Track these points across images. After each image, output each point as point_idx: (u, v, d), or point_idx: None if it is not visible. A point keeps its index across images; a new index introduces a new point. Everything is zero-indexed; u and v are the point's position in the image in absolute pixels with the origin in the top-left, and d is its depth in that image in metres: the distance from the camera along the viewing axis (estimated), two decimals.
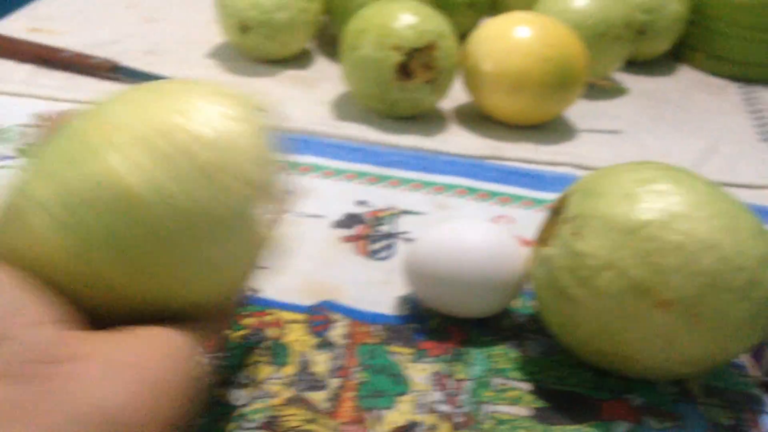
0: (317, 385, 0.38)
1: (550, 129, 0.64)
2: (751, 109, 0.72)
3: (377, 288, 0.45)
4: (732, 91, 0.75)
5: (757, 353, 0.41)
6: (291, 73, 0.70)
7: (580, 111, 0.67)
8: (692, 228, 0.36)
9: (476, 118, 0.64)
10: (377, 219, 0.51)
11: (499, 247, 0.42)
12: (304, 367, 0.39)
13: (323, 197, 0.53)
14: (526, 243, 0.49)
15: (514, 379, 0.40)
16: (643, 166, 0.39)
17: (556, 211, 0.41)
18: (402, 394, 0.38)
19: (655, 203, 0.37)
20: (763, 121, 0.70)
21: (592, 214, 0.37)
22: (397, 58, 0.59)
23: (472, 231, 0.42)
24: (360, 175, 0.56)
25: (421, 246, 0.42)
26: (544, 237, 0.41)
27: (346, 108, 0.64)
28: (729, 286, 0.35)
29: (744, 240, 0.36)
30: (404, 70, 0.59)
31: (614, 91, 0.72)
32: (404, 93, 0.60)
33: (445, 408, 0.38)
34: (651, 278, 0.36)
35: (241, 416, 0.36)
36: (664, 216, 0.36)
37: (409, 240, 0.50)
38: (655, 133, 0.66)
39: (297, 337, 0.41)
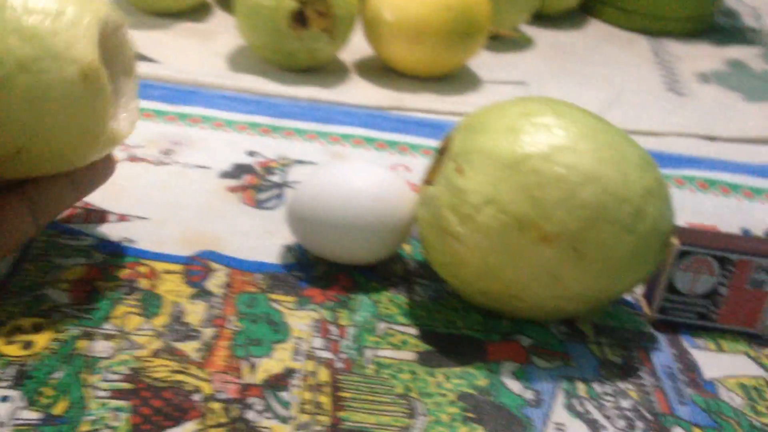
0: (189, 335, 0.36)
1: (454, 80, 0.62)
2: (658, 61, 0.71)
3: (262, 237, 0.43)
4: (640, 43, 0.75)
5: (648, 291, 0.41)
6: (187, 26, 0.67)
7: (484, 62, 0.66)
8: (575, 160, 0.34)
9: (378, 70, 0.62)
10: (267, 169, 0.49)
11: (386, 190, 0.40)
12: (177, 317, 0.37)
13: (211, 148, 0.50)
14: (415, 188, 0.47)
15: (400, 324, 0.38)
16: (528, 100, 0.38)
17: (443, 151, 0.39)
18: (280, 341, 0.37)
19: (537, 136, 0.35)
20: (669, 71, 0.69)
21: (475, 149, 0.36)
22: (291, 5, 0.56)
23: (358, 174, 0.40)
24: (252, 126, 0.53)
25: (304, 191, 0.40)
26: (431, 178, 0.39)
27: (243, 60, 0.62)
28: (613, 219, 0.34)
29: (628, 172, 0.35)
30: (299, 19, 0.57)
31: (521, 43, 0.71)
32: (300, 42, 0.58)
33: (325, 354, 0.36)
34: (533, 212, 0.34)
35: (105, 368, 0.34)
36: (545, 148, 0.35)
37: None
38: (561, 84, 0.65)
39: (171, 287, 0.39)
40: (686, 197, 0.51)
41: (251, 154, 0.50)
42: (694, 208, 0.49)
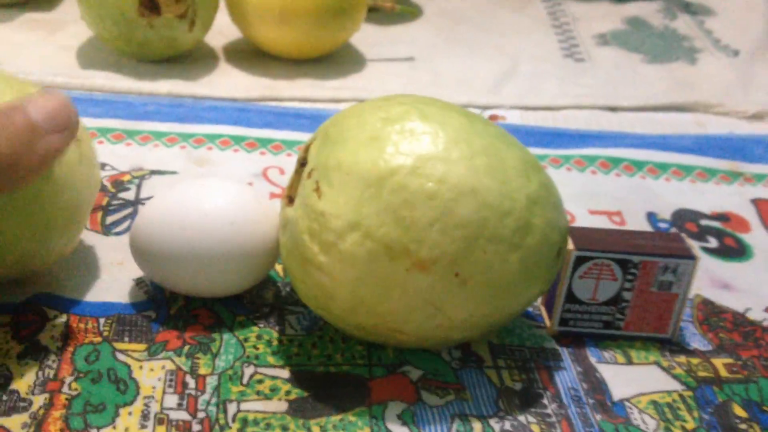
0: (16, 406, 0.31)
1: (335, 61, 0.57)
2: (556, 24, 0.67)
3: (109, 271, 0.37)
4: (536, 5, 0.70)
5: (548, 302, 0.36)
6: (31, 17, 0.59)
7: (368, 39, 0.60)
8: (447, 172, 0.30)
9: (249, 55, 0.56)
10: (118, 184, 0.43)
11: (244, 210, 0.35)
12: (2, 384, 0.31)
13: None
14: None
15: (270, 366, 0.33)
16: (391, 101, 0.32)
17: (303, 162, 0.34)
18: (126, 404, 0.31)
19: (402, 146, 0.30)
20: (567, 35, 0.65)
21: (333, 165, 0.31)
22: None
23: (209, 194, 0.35)
24: (102, 132, 0.47)
25: (147, 217, 0.35)
26: (292, 193, 0.34)
27: (94, 54, 0.55)
28: (495, 236, 0.30)
29: (509, 180, 0.30)
30: (149, 4, 0.50)
31: (406, 14, 0.65)
32: (154, 31, 0.51)
33: (180, 415, 0.31)
34: (404, 237, 0.29)
35: None
36: (412, 161, 0.30)
37: None
38: (452, 57, 0.60)
39: None
40: (587, 181, 0.46)
41: (100, 167, 0.44)
42: (596, 193, 0.45)
